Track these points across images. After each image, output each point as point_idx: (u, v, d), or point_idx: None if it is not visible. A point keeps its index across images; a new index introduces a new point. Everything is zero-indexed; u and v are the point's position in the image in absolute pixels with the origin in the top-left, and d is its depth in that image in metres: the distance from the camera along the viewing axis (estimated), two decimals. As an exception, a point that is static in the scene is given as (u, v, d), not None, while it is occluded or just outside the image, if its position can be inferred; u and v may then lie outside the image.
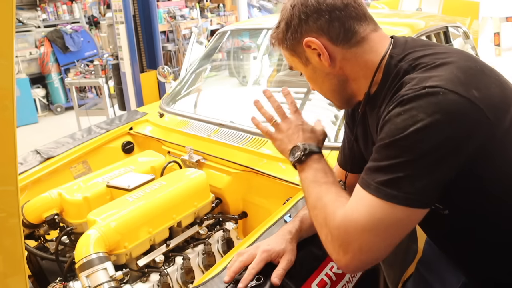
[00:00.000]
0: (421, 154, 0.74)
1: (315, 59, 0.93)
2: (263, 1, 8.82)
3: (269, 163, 1.65)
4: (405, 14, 2.82)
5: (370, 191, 0.78)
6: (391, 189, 0.76)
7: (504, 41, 4.38)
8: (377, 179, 0.78)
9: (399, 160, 0.76)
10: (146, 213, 1.39)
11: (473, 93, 0.75)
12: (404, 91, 0.79)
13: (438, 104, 0.74)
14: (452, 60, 0.82)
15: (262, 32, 2.63)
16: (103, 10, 7.26)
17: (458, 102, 0.74)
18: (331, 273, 1.11)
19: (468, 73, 0.79)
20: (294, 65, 1.02)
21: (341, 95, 0.99)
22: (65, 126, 5.51)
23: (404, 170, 0.75)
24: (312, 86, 1.03)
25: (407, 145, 0.75)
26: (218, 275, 1.06)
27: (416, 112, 0.75)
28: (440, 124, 0.73)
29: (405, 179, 0.75)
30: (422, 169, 0.75)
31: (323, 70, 0.95)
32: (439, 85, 0.75)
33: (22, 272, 0.80)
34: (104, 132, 2.13)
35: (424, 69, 0.82)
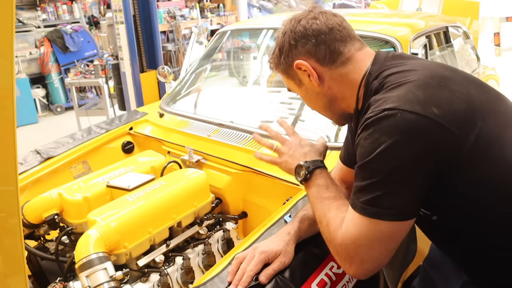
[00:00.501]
0: (390, 173, 0.82)
1: (306, 80, 1.02)
2: (263, 1, 8.82)
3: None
4: (405, 14, 2.82)
5: (357, 210, 0.87)
6: (374, 207, 0.84)
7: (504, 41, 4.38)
8: (361, 199, 0.86)
9: (373, 180, 0.84)
10: (146, 213, 1.39)
11: (432, 110, 0.81)
12: (367, 115, 0.87)
13: (396, 126, 0.81)
14: (415, 78, 0.88)
15: (262, 32, 2.63)
16: (103, 10, 7.26)
17: (415, 121, 0.80)
18: (331, 273, 1.11)
19: (428, 91, 0.85)
20: (290, 86, 1.11)
21: (333, 113, 1.08)
22: (65, 126, 5.50)
23: (380, 189, 0.83)
24: (308, 105, 1.12)
25: (376, 166, 0.83)
26: (218, 275, 1.06)
27: (378, 135, 0.82)
28: (400, 144, 0.80)
29: (383, 197, 0.83)
30: (396, 186, 0.82)
31: (313, 90, 1.03)
32: (397, 106, 0.82)
33: (22, 272, 0.80)
34: (104, 132, 2.13)
35: (387, 89, 0.90)
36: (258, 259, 1.03)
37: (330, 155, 1.56)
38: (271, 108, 2.22)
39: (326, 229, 0.96)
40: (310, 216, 1.15)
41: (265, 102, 2.37)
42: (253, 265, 1.02)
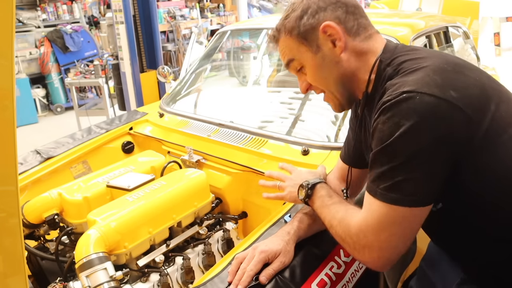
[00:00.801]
0: (409, 157, 0.81)
1: (328, 46, 0.98)
2: (263, 1, 8.82)
3: (269, 163, 1.65)
4: (405, 14, 2.82)
5: (377, 197, 0.86)
6: (394, 193, 0.83)
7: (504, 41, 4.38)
8: (380, 186, 0.85)
9: (392, 165, 0.83)
10: (146, 213, 1.39)
11: (450, 93, 0.81)
12: (385, 98, 0.86)
13: (415, 109, 0.80)
14: (430, 64, 0.88)
15: (262, 32, 2.63)
16: (103, 10, 7.26)
17: (434, 103, 0.80)
18: (331, 273, 1.11)
19: (444, 75, 0.85)
20: (298, 55, 1.02)
21: (344, 89, 1.02)
22: (65, 126, 5.51)
23: (401, 173, 0.82)
24: (316, 77, 1.03)
25: (395, 150, 0.82)
26: (218, 275, 1.06)
27: (398, 118, 0.81)
28: (420, 127, 0.80)
29: (404, 182, 0.82)
30: (416, 171, 0.81)
31: (333, 59, 0.98)
32: (415, 89, 0.82)
33: (22, 272, 0.80)
34: (104, 132, 2.13)
35: (403, 74, 0.89)
36: (258, 259, 1.03)
37: (330, 155, 1.57)
38: (271, 108, 2.22)
39: (339, 227, 0.96)
40: (310, 216, 1.16)
41: (265, 102, 2.37)
42: (253, 264, 1.02)
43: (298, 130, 1.87)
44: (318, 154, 1.59)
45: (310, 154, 1.59)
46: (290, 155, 1.62)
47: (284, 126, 1.94)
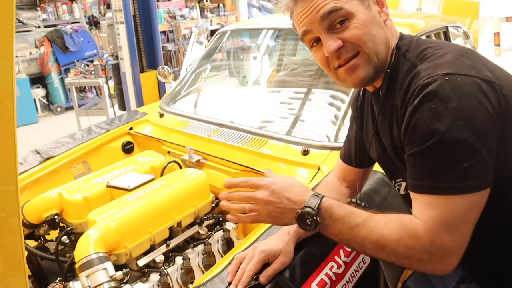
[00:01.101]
0: (468, 141, 0.77)
1: (376, 9, 0.93)
2: (263, 1, 8.81)
3: (269, 163, 1.64)
4: (405, 14, 2.82)
5: (443, 193, 0.80)
6: (465, 181, 0.78)
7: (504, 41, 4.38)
8: (445, 179, 0.79)
9: (453, 153, 0.78)
10: (146, 213, 1.39)
11: (486, 73, 0.81)
12: (423, 81, 0.81)
13: (461, 90, 0.78)
14: (453, 49, 0.87)
15: (262, 32, 2.63)
16: (103, 10, 7.26)
17: (477, 83, 0.79)
18: (331, 273, 1.11)
19: (471, 59, 0.84)
20: (349, 5, 0.89)
21: (385, 54, 0.94)
22: (65, 126, 5.50)
23: (464, 160, 0.77)
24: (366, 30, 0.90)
25: (453, 137, 0.77)
26: (218, 275, 1.06)
27: (445, 102, 0.78)
28: (470, 108, 0.77)
29: (471, 167, 0.78)
30: (477, 153, 0.77)
31: (380, 22, 0.93)
32: (454, 71, 0.80)
33: (22, 272, 0.80)
34: (104, 132, 2.13)
35: (430, 59, 0.87)
36: (257, 259, 1.03)
37: (330, 155, 1.57)
38: (271, 108, 2.22)
39: (396, 244, 0.82)
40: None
41: (265, 102, 2.37)
42: (253, 264, 1.02)
43: (298, 130, 1.87)
44: (318, 154, 1.59)
45: (310, 154, 1.59)
46: (290, 155, 1.62)
47: (284, 126, 1.94)
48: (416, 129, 0.82)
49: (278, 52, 2.72)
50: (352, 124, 1.22)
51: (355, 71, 0.93)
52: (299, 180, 0.99)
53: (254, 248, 1.07)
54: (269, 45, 2.72)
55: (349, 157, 1.21)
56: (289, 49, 2.59)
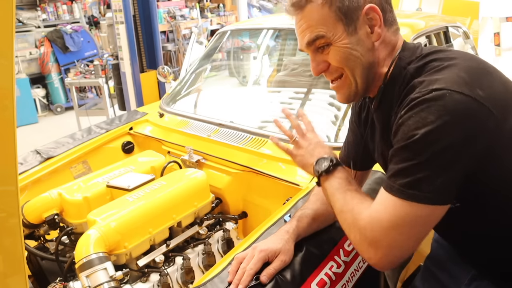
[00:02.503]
0: (434, 155, 0.79)
1: (365, 30, 0.92)
2: (263, 1, 8.82)
3: (269, 163, 1.65)
4: (405, 14, 2.82)
5: (393, 193, 0.84)
6: (412, 189, 0.81)
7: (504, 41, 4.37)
8: (398, 181, 0.83)
9: (414, 162, 0.80)
10: (146, 213, 1.39)
11: (477, 92, 0.80)
12: (413, 95, 0.83)
13: (445, 106, 0.78)
14: (456, 63, 0.86)
15: (262, 32, 2.63)
16: (103, 10, 7.26)
17: (464, 101, 0.78)
18: (330, 273, 1.11)
19: (471, 73, 0.83)
20: (332, 32, 0.91)
21: (368, 77, 0.96)
22: (65, 126, 5.50)
23: (421, 171, 0.80)
24: (344, 59, 0.93)
25: (419, 147, 0.80)
26: (218, 275, 1.06)
27: (426, 114, 0.79)
28: (448, 125, 0.78)
29: (424, 179, 0.80)
30: (438, 169, 0.79)
31: (366, 45, 0.93)
32: (445, 87, 0.80)
33: (22, 272, 0.80)
34: (104, 132, 2.13)
35: (430, 72, 0.87)
36: (257, 258, 1.03)
37: (330, 155, 1.56)
38: (271, 108, 2.22)
39: (348, 214, 0.92)
40: (309, 215, 1.15)
41: (265, 102, 2.37)
42: (253, 264, 1.02)
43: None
44: (318, 154, 1.58)
45: (310, 154, 1.59)
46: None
47: (284, 126, 1.94)
48: (397, 133, 0.85)
49: (278, 52, 2.72)
50: (352, 128, 1.21)
51: (339, 91, 1.01)
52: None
53: (254, 247, 1.07)
54: (269, 45, 2.72)
55: (348, 160, 1.21)
56: (289, 49, 2.59)
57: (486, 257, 1.01)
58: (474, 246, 1.02)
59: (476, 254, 1.04)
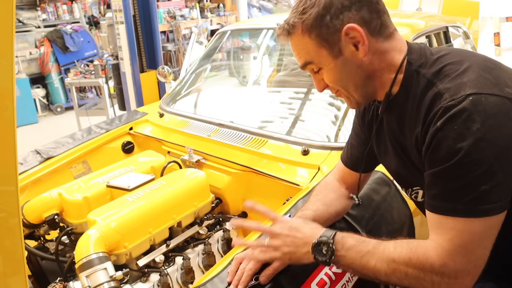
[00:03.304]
0: (491, 162, 0.77)
1: (350, 49, 0.90)
2: (263, 1, 8.82)
3: (269, 163, 1.65)
4: (405, 14, 2.82)
5: (459, 215, 0.80)
6: (483, 204, 0.78)
7: (504, 41, 4.37)
8: (462, 201, 0.79)
9: (474, 175, 0.77)
10: (146, 213, 1.39)
11: (507, 91, 0.80)
12: (446, 103, 0.80)
13: (485, 111, 0.77)
14: (474, 63, 0.85)
15: (262, 32, 2.63)
16: (103, 10, 7.27)
17: (500, 102, 0.78)
18: (330, 273, 1.11)
19: (493, 73, 0.83)
20: (317, 59, 0.93)
21: (365, 90, 0.96)
22: (65, 126, 5.50)
23: (485, 182, 0.77)
24: (335, 80, 0.95)
25: (474, 158, 0.77)
26: (218, 275, 1.06)
27: (470, 123, 0.77)
28: (494, 128, 0.77)
29: (491, 190, 0.77)
30: (497, 175, 0.77)
31: (355, 62, 0.91)
32: (478, 91, 0.79)
33: (22, 272, 0.80)
34: (104, 132, 2.13)
35: (451, 76, 0.85)
36: (257, 259, 1.03)
37: (330, 155, 1.57)
38: (271, 108, 2.22)
39: (409, 267, 0.83)
40: (309, 216, 1.15)
41: (265, 102, 2.37)
42: (252, 264, 1.02)
43: (298, 130, 1.87)
44: (318, 154, 1.59)
45: (310, 154, 1.59)
46: (290, 155, 1.62)
47: (284, 126, 1.94)
48: (438, 149, 0.81)
49: (278, 52, 2.72)
50: (356, 129, 1.20)
51: (347, 101, 1.02)
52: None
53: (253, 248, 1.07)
54: (269, 45, 2.72)
55: (351, 162, 1.21)
56: (289, 49, 2.57)
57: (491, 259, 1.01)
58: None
59: None
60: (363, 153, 1.14)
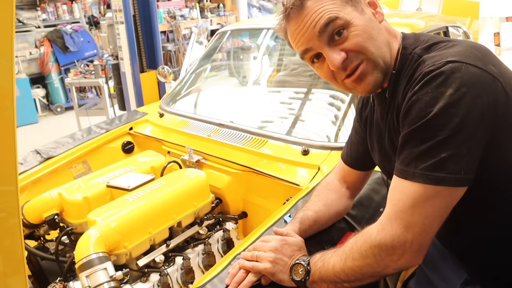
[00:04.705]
0: (456, 129, 0.75)
1: (370, 11, 0.91)
2: (263, 1, 8.82)
3: (269, 163, 1.65)
4: (405, 14, 2.82)
5: (416, 179, 0.78)
6: (438, 171, 0.76)
7: (504, 41, 4.37)
8: (420, 166, 0.78)
9: (436, 140, 0.76)
10: (146, 213, 1.39)
11: (491, 67, 0.79)
12: (427, 68, 0.80)
13: (462, 78, 0.76)
14: (463, 42, 0.86)
15: (262, 32, 2.63)
16: (103, 10, 7.26)
17: (480, 74, 0.77)
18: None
19: (482, 51, 0.82)
20: (344, 13, 0.87)
21: (384, 56, 0.90)
22: (65, 126, 5.51)
23: (445, 149, 0.76)
24: (367, 35, 0.88)
25: (440, 123, 0.76)
26: (218, 275, 1.06)
27: (444, 88, 0.76)
28: (467, 98, 0.75)
29: (449, 159, 0.75)
30: (461, 145, 0.75)
31: (377, 24, 0.91)
32: (460, 59, 0.78)
33: (22, 272, 0.80)
34: (104, 132, 2.13)
35: (440, 49, 0.85)
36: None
37: (330, 155, 1.57)
38: (271, 108, 2.22)
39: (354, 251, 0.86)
40: (310, 216, 1.15)
41: (265, 102, 2.37)
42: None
43: (298, 130, 1.87)
44: (318, 154, 1.59)
45: (310, 154, 1.59)
46: (290, 155, 1.62)
47: (284, 126, 1.94)
48: (410, 112, 0.81)
49: (278, 52, 2.72)
50: (355, 127, 1.21)
51: (364, 79, 0.90)
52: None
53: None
54: (269, 45, 2.72)
55: (351, 160, 1.21)
56: (289, 49, 2.58)
57: (480, 262, 1.01)
58: (470, 250, 1.02)
59: (471, 258, 1.03)
60: (361, 150, 1.15)
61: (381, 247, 0.81)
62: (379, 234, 0.82)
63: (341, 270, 0.87)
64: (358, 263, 0.85)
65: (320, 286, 0.92)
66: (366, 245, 0.84)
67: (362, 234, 0.87)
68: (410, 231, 0.79)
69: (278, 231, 1.09)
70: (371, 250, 0.83)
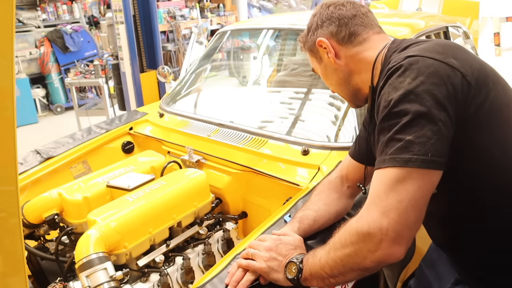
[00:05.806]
0: (416, 115, 0.79)
1: (325, 56, 1.11)
2: (263, 1, 8.81)
3: (269, 163, 1.65)
4: (405, 14, 2.82)
5: (386, 164, 0.81)
6: (405, 154, 0.79)
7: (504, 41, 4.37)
8: (389, 151, 0.81)
9: (401, 124, 0.80)
10: (146, 213, 1.39)
11: (450, 60, 0.84)
12: (391, 65, 0.89)
13: (419, 69, 0.83)
14: (432, 41, 0.96)
15: (262, 32, 2.63)
16: (103, 10, 7.26)
17: (437, 65, 0.84)
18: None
19: (446, 47, 0.89)
20: (313, 64, 1.18)
21: (348, 88, 1.12)
22: (65, 126, 5.51)
23: (409, 132, 0.79)
24: (325, 82, 1.18)
25: (402, 108, 0.81)
26: (218, 275, 1.06)
27: (402, 78, 0.83)
28: (424, 85, 0.81)
29: (414, 141, 0.79)
30: (425, 127, 0.79)
31: (331, 66, 1.11)
32: (418, 54, 0.86)
33: (22, 272, 0.80)
34: (104, 132, 2.13)
35: (408, 48, 0.95)
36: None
37: (330, 155, 1.57)
38: (271, 108, 2.22)
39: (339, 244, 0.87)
40: (310, 216, 1.15)
41: (265, 102, 2.37)
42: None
43: (298, 130, 1.87)
44: (318, 154, 1.59)
45: (310, 154, 1.59)
46: (290, 155, 1.62)
47: (284, 126, 1.94)
48: (379, 107, 0.88)
49: (278, 52, 2.72)
50: (364, 123, 1.23)
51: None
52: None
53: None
54: (269, 45, 2.72)
55: (358, 154, 1.21)
56: (289, 49, 2.59)
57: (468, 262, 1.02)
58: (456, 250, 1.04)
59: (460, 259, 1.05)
60: (366, 146, 1.15)
61: (358, 234, 0.83)
62: (357, 221, 0.84)
63: (325, 263, 0.89)
64: (339, 253, 0.86)
65: (311, 283, 0.92)
66: (346, 233, 0.86)
67: (344, 224, 0.90)
68: (385, 216, 0.79)
69: (276, 233, 1.10)
70: (350, 238, 0.85)
